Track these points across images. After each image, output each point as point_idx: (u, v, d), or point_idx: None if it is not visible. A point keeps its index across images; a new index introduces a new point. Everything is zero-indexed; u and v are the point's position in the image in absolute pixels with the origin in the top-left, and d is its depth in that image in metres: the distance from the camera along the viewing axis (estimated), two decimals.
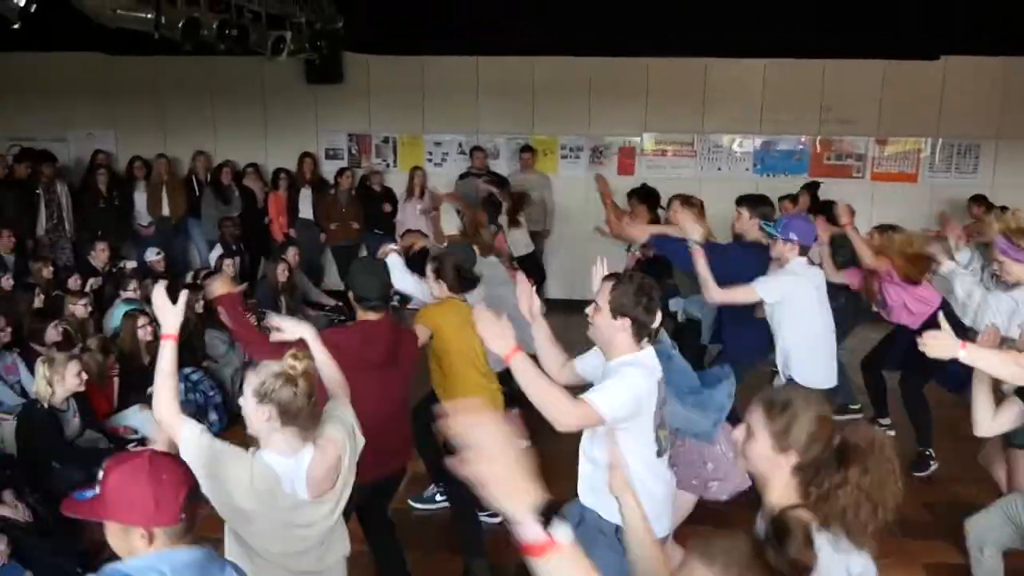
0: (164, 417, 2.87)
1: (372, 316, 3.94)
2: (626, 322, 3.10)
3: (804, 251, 4.93)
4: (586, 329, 3.33)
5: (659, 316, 3.19)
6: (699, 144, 10.34)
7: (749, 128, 10.20)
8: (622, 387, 3.04)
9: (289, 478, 2.79)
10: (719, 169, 10.30)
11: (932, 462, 6.06)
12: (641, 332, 3.14)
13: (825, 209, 7.18)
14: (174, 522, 2.10)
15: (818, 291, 4.93)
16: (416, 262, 5.37)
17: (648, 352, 3.20)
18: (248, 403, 2.78)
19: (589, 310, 3.21)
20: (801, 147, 10.21)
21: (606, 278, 3.25)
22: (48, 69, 10.67)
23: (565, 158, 10.54)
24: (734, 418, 3.54)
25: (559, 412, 2.92)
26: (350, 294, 4.00)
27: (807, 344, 4.85)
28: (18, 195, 9.71)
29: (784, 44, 9.37)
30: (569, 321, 3.24)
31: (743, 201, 5.64)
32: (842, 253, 6.38)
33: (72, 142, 11.08)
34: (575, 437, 3.27)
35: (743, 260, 5.19)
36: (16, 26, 7.24)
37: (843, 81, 9.89)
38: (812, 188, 8.92)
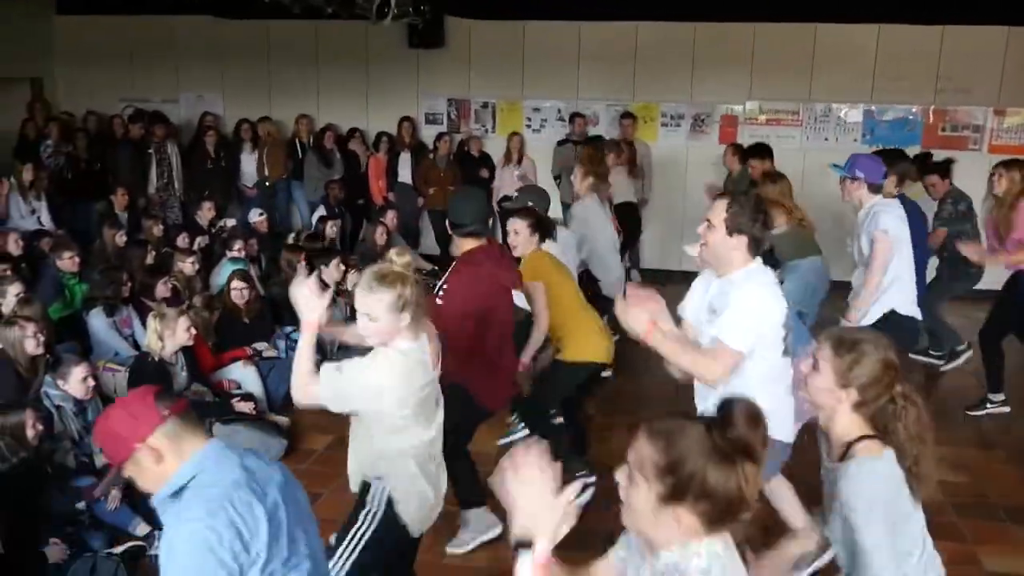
0: (306, 389, 2.98)
1: (472, 243, 4.00)
2: (743, 239, 3.21)
3: (874, 189, 4.86)
4: (679, 301, 3.36)
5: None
6: (805, 112, 10.03)
7: (859, 96, 9.83)
8: (740, 315, 3.16)
9: (417, 358, 3.00)
10: (825, 139, 9.98)
11: (988, 405, 6.12)
12: (756, 248, 3.25)
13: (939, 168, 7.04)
14: (159, 421, 2.18)
15: (903, 219, 4.97)
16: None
17: (759, 262, 3.31)
18: (362, 296, 2.91)
19: (701, 229, 3.29)
20: (913, 116, 9.81)
21: (719, 196, 3.36)
22: (161, 32, 11.02)
23: (665, 126, 10.36)
24: None
25: (706, 371, 3.15)
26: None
27: (908, 273, 4.94)
28: (132, 155, 10.09)
29: (900, 8, 9.03)
30: (663, 292, 3.20)
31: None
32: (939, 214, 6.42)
33: (183, 104, 11.43)
34: None
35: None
36: None
37: (961, 48, 9.42)
38: (925, 160, 8.52)
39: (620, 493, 1.80)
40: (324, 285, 3.18)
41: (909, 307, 4.96)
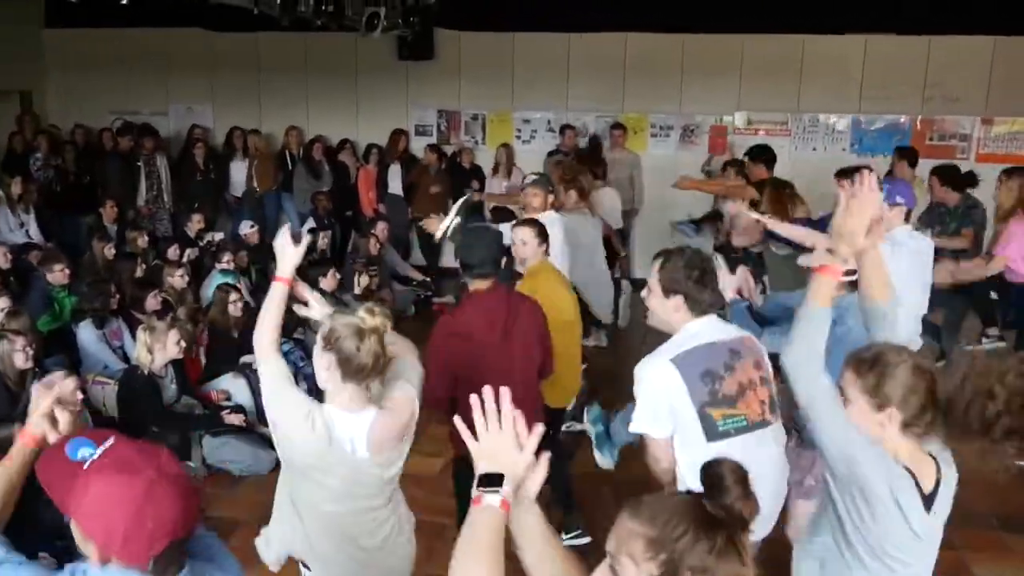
0: (261, 343, 2.80)
1: (480, 284, 3.82)
2: (678, 300, 2.93)
3: (908, 215, 4.61)
4: None
5: (715, 288, 3.02)
6: (793, 123, 10.08)
7: (847, 106, 9.89)
8: (641, 400, 2.94)
9: (349, 436, 2.70)
10: (814, 149, 10.03)
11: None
12: (697, 307, 2.94)
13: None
14: (136, 564, 1.76)
15: (921, 258, 4.51)
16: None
17: (702, 321, 2.97)
18: (316, 348, 2.73)
19: (644, 293, 3.07)
20: (901, 126, 9.86)
21: (655, 256, 3.08)
22: (150, 44, 11.00)
23: (655, 136, 10.40)
24: None
25: (652, 461, 2.98)
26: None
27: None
28: (120, 167, 10.06)
29: (887, 18, 9.08)
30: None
31: (844, 173, 5.50)
32: (953, 218, 6.33)
33: (172, 116, 11.41)
34: None
35: None
36: (124, 1, 7.48)
37: (948, 57, 9.49)
38: (908, 154, 8.30)
39: None
40: (304, 245, 2.98)
41: None
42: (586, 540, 4.50)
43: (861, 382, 2.18)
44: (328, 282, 7.20)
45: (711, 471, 1.56)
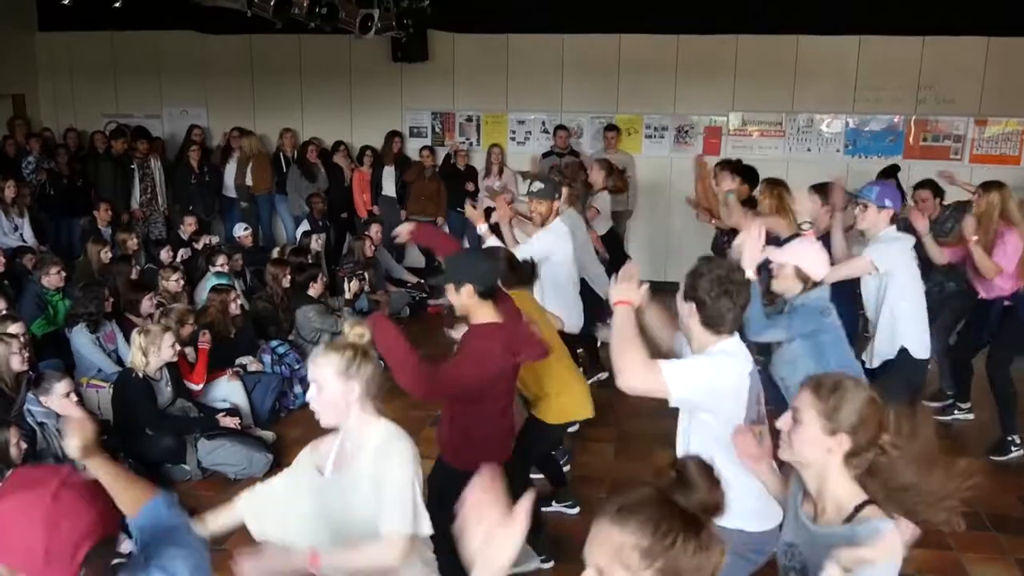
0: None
1: (488, 310, 3.51)
2: (691, 307, 2.88)
3: (894, 218, 4.73)
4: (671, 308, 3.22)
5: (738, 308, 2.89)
6: (787, 124, 10.10)
7: (841, 107, 9.91)
8: (700, 370, 2.83)
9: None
10: (808, 150, 10.05)
11: (1014, 448, 5.83)
12: (712, 324, 2.86)
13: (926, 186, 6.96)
14: None
15: (913, 257, 4.77)
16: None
17: (734, 341, 2.92)
18: (331, 385, 2.63)
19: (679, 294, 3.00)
20: (895, 126, 9.89)
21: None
22: (144, 47, 11.00)
23: (649, 137, 10.41)
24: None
25: (629, 365, 2.72)
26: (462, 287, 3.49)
27: (919, 311, 4.73)
28: (114, 170, 10.05)
29: (881, 20, 9.11)
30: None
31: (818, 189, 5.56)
32: (939, 230, 6.25)
33: (166, 119, 11.40)
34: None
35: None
36: (117, 4, 7.49)
37: (942, 58, 9.52)
38: (891, 173, 8.40)
39: None
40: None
41: (923, 343, 4.77)
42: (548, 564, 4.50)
43: (820, 404, 2.17)
44: (316, 288, 7.20)
45: (679, 471, 1.63)
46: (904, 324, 4.71)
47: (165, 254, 8.04)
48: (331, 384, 2.63)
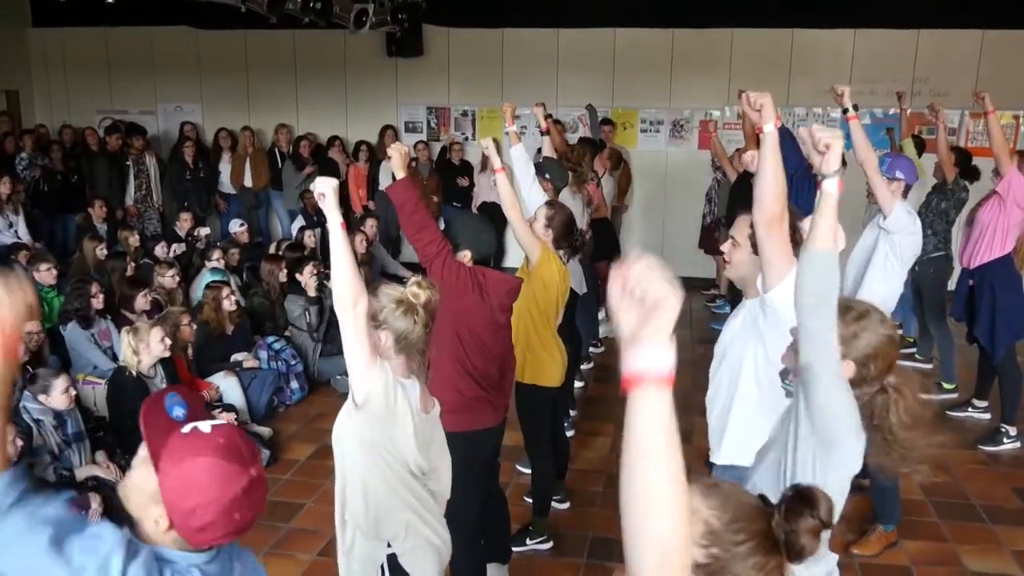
0: (345, 290, 2.60)
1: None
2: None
3: (906, 191, 4.56)
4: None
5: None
6: (783, 117, 10.10)
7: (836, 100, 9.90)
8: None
9: (405, 394, 2.73)
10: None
11: (1007, 440, 5.77)
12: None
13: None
14: (199, 547, 1.71)
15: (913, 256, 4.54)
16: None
17: None
18: (354, 327, 2.60)
19: (725, 247, 3.03)
20: (890, 118, 9.88)
21: (743, 216, 2.96)
22: (138, 43, 10.97)
23: (645, 132, 10.41)
24: None
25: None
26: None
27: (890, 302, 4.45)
28: (108, 167, 10.03)
29: (876, 12, 9.11)
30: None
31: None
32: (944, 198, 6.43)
33: (161, 115, 11.37)
34: None
35: None
36: (110, 0, 7.46)
37: (937, 51, 9.52)
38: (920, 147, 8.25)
39: None
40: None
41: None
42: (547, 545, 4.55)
43: (841, 326, 2.08)
44: (307, 278, 7.15)
45: (805, 489, 1.51)
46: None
47: (160, 250, 8.02)
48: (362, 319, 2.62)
